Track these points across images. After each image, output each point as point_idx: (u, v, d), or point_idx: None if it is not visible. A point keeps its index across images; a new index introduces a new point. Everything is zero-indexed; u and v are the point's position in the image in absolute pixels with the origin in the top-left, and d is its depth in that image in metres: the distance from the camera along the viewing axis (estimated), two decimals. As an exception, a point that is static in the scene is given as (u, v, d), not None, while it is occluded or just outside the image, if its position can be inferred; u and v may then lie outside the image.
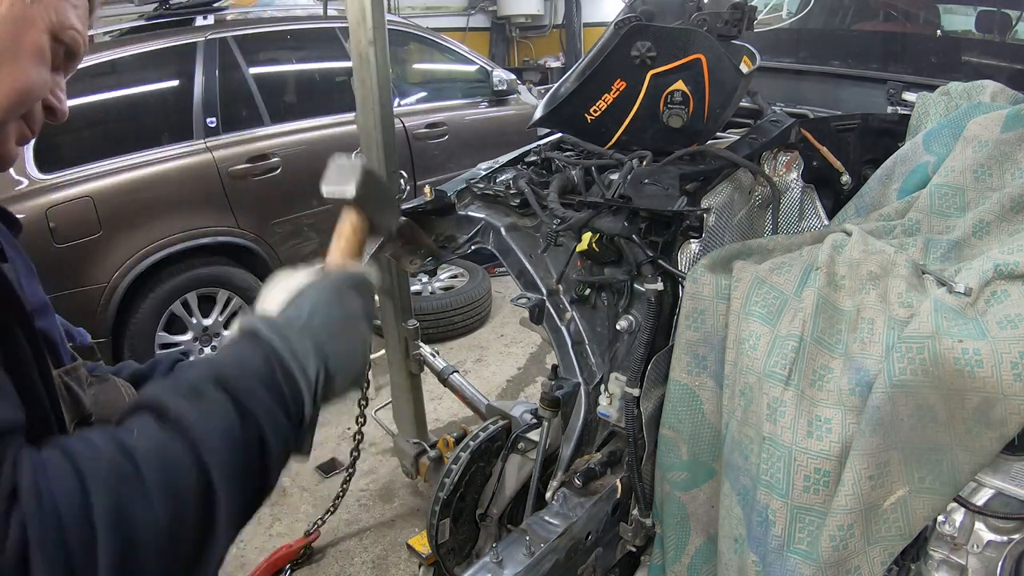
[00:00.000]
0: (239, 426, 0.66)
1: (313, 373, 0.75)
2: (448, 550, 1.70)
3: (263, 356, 0.72)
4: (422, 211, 1.81)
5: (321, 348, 0.76)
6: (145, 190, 3.33)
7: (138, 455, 0.59)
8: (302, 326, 0.76)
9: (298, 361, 0.73)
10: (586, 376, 1.52)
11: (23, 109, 0.76)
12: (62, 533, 0.53)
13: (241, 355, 0.72)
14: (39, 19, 0.74)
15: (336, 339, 0.78)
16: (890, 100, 1.98)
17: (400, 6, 8.41)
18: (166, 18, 3.84)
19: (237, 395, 0.67)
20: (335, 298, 0.81)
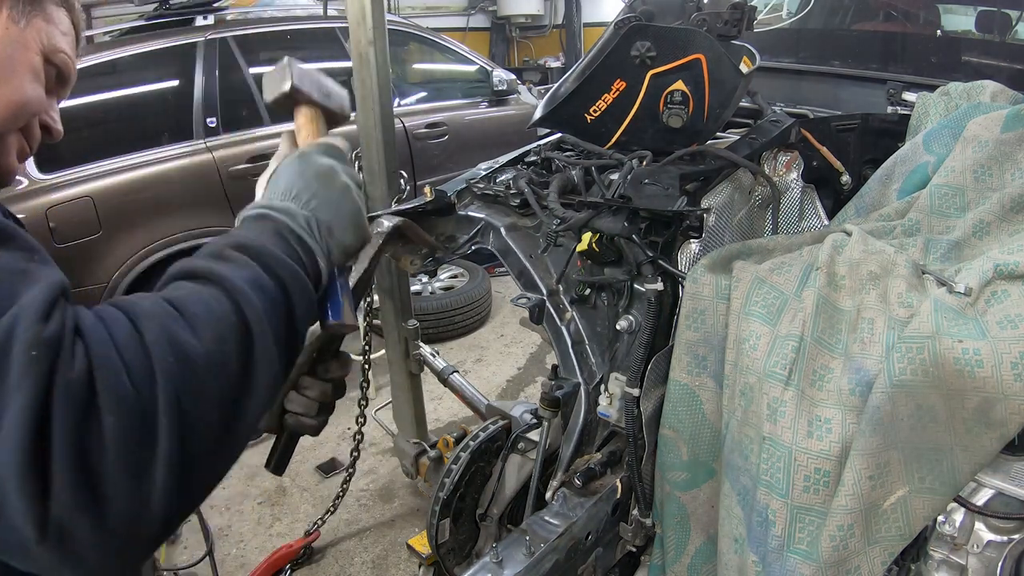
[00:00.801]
0: (264, 277, 0.70)
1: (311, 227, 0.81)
2: (448, 550, 1.70)
3: (264, 226, 0.78)
4: (422, 211, 1.81)
5: (306, 205, 0.82)
6: (145, 190, 3.34)
7: (178, 301, 0.64)
8: (282, 196, 0.83)
9: (295, 222, 0.79)
10: (586, 376, 1.52)
11: (21, 122, 0.81)
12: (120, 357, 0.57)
13: (247, 230, 0.78)
14: (32, 41, 0.80)
15: (316, 194, 0.84)
16: (890, 100, 1.98)
17: (400, 6, 8.42)
18: (166, 18, 3.84)
19: (257, 254, 0.72)
20: (302, 164, 0.87)
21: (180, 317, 0.62)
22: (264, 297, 0.69)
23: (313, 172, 0.86)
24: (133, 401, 0.56)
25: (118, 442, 0.54)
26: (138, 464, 0.56)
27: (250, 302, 0.67)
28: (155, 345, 0.59)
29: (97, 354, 0.56)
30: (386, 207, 2.13)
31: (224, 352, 0.63)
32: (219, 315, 0.64)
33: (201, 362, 0.61)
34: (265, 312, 0.68)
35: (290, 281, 0.73)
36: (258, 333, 0.66)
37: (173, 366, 0.59)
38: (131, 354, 0.58)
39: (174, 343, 0.60)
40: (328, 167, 0.88)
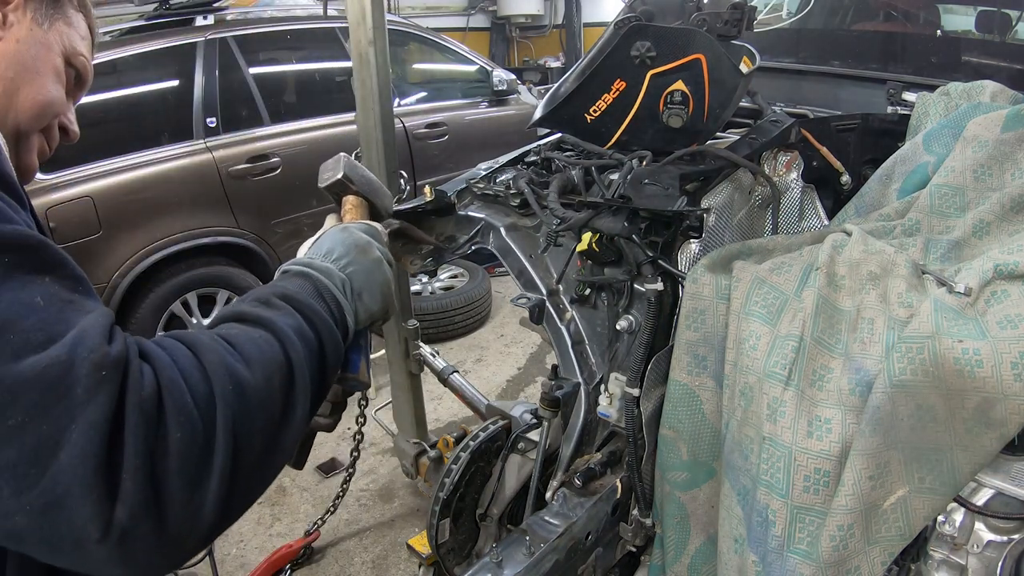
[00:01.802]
0: (303, 324, 0.78)
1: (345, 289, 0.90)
2: (448, 550, 1.70)
3: (306, 280, 0.87)
4: (422, 211, 1.81)
5: (343, 269, 0.92)
6: (145, 190, 3.34)
7: (231, 338, 0.70)
8: (323, 257, 0.93)
9: (331, 281, 0.88)
10: (586, 376, 1.52)
11: (45, 121, 0.86)
12: (184, 380, 0.63)
13: (288, 282, 0.86)
14: (55, 43, 0.85)
15: (353, 261, 0.94)
16: (890, 100, 1.98)
17: (400, 6, 8.42)
18: (166, 18, 3.84)
19: (299, 305, 0.80)
20: (344, 234, 0.98)
21: (235, 352, 0.69)
22: (305, 345, 0.76)
23: (353, 242, 0.97)
24: (196, 420, 0.62)
25: (182, 454, 0.60)
26: (197, 475, 0.62)
27: (294, 347, 0.74)
28: (215, 373, 0.65)
29: (164, 376, 0.62)
30: (386, 207, 2.13)
31: (271, 387, 0.70)
32: (269, 355, 0.71)
33: (253, 393, 0.67)
34: (306, 358, 0.75)
35: (325, 334, 0.81)
36: (299, 375, 0.73)
37: (230, 394, 0.65)
38: (194, 380, 0.64)
39: (232, 374, 0.66)
40: (366, 241, 0.99)
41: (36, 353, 0.56)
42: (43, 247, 0.62)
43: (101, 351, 0.58)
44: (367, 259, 0.96)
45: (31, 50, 0.81)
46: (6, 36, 0.80)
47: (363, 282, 0.93)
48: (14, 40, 0.80)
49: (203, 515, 0.62)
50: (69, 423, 0.55)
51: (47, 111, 0.84)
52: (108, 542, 0.56)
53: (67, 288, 0.63)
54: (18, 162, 0.85)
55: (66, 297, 0.61)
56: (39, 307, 0.58)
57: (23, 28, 0.81)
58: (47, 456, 0.54)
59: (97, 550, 0.57)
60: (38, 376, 0.55)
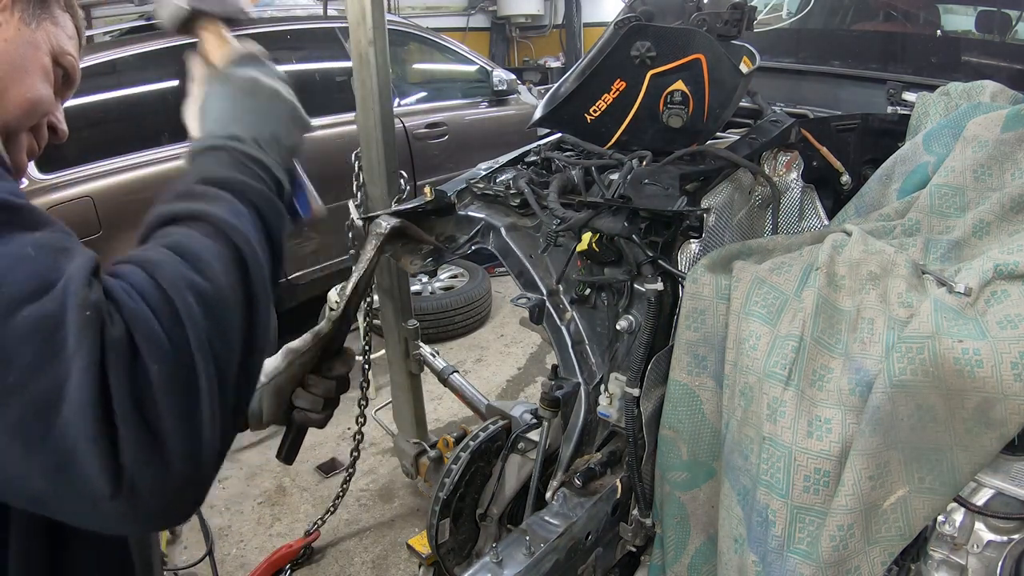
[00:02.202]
0: (239, 205, 0.74)
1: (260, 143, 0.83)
2: (448, 550, 1.70)
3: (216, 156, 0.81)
4: (422, 211, 1.81)
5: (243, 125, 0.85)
6: (145, 190, 3.33)
7: (178, 246, 0.67)
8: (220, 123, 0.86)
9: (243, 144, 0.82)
10: (586, 376, 1.52)
11: (34, 120, 0.85)
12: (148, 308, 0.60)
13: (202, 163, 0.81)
14: (42, 42, 0.84)
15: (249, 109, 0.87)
16: (890, 100, 1.98)
17: (400, 6, 8.42)
18: (166, 18, 3.83)
19: (224, 183, 0.75)
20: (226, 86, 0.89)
21: (184, 261, 0.65)
22: (245, 223, 0.72)
23: (239, 90, 0.89)
24: (169, 347, 0.59)
25: (165, 387, 0.58)
26: (186, 403, 0.59)
27: (236, 230, 0.70)
28: (173, 290, 0.62)
29: (128, 310, 0.59)
30: (386, 207, 2.13)
31: (230, 283, 0.67)
32: (216, 251, 0.68)
33: (215, 297, 0.65)
34: (251, 235, 0.72)
35: (260, 201, 0.76)
36: (250, 258, 0.70)
37: (194, 307, 0.62)
38: (155, 303, 0.61)
39: (190, 285, 0.63)
40: (251, 79, 0.90)
41: (30, 303, 0.55)
42: (30, 208, 0.62)
43: (83, 293, 0.57)
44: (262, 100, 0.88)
45: (19, 49, 0.81)
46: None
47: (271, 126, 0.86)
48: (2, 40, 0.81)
49: (204, 440, 0.60)
50: (66, 375, 0.54)
51: (36, 109, 0.84)
52: (120, 497, 0.56)
53: (61, 237, 0.62)
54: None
55: (59, 245, 0.61)
56: (30, 257, 0.58)
57: (11, 28, 0.81)
58: (51, 412, 0.54)
59: (112, 507, 0.56)
60: (33, 329, 0.55)
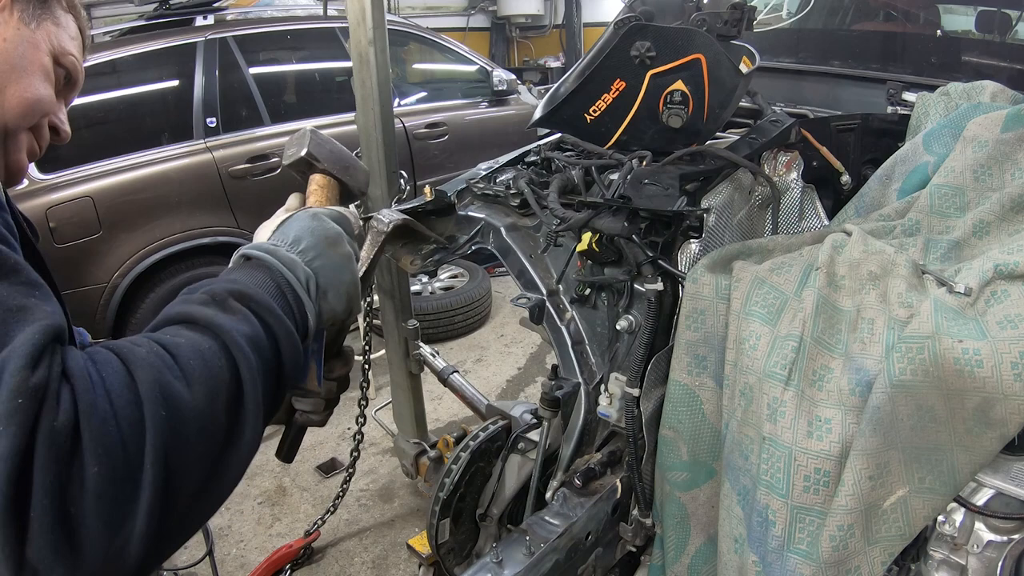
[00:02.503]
0: (260, 332, 0.70)
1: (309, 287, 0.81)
2: (448, 550, 1.70)
3: (267, 274, 0.77)
4: (422, 211, 1.81)
5: (310, 263, 0.83)
6: (145, 190, 3.34)
7: (174, 349, 0.63)
8: (289, 246, 0.83)
9: (295, 276, 0.79)
10: (586, 376, 1.52)
11: (33, 120, 0.84)
12: (110, 405, 0.56)
13: (247, 276, 0.77)
14: (43, 42, 0.84)
15: (321, 254, 0.85)
16: (890, 100, 1.98)
17: (400, 6, 8.42)
18: (166, 18, 3.85)
19: (256, 308, 0.72)
20: (314, 223, 0.88)
21: (175, 367, 0.62)
22: (259, 356, 0.69)
23: (323, 232, 0.87)
24: (119, 451, 0.55)
25: (100, 492, 0.54)
26: (118, 514, 0.55)
27: (247, 359, 0.67)
28: (148, 395, 0.58)
29: (84, 400, 0.55)
30: (386, 207, 2.13)
31: (215, 408, 0.63)
32: (214, 370, 0.64)
33: (191, 416, 0.60)
34: (259, 371, 0.68)
35: (284, 341, 0.73)
36: (249, 391, 0.66)
37: (163, 420, 0.58)
38: (122, 402, 0.57)
39: (167, 395, 0.59)
40: (337, 233, 0.88)
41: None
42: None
43: (20, 376, 0.53)
44: (336, 254, 0.86)
45: (18, 49, 0.81)
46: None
47: (329, 280, 0.84)
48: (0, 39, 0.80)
49: (128, 556, 0.56)
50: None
51: (35, 109, 0.83)
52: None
53: (21, 294, 0.58)
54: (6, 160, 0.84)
55: (16, 304, 0.57)
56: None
57: (10, 27, 0.80)
58: None
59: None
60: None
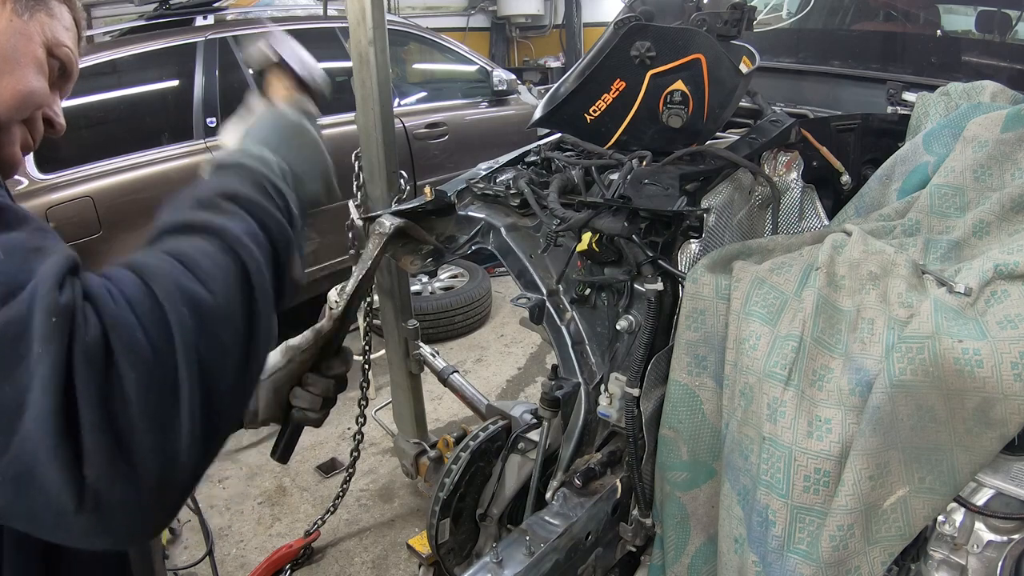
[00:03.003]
0: (255, 226, 0.72)
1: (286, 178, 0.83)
2: (448, 550, 1.70)
3: (245, 174, 0.79)
4: (422, 211, 1.81)
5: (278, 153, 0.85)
6: (145, 190, 3.33)
7: (184, 255, 0.64)
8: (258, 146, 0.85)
9: (269, 168, 0.81)
10: (586, 376, 1.52)
11: (26, 112, 0.83)
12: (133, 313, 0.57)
13: (230, 177, 0.79)
14: (36, 34, 0.82)
15: (288, 144, 0.87)
16: (890, 100, 1.98)
17: (400, 6, 8.41)
18: (166, 18, 3.84)
19: (247, 205, 0.74)
20: (275, 118, 0.91)
21: (187, 270, 0.63)
22: (259, 248, 0.71)
23: (285, 124, 0.90)
24: (151, 355, 0.57)
25: (141, 397, 0.55)
26: (163, 417, 0.56)
27: (250, 253, 0.69)
28: (168, 299, 0.59)
29: (107, 313, 0.56)
30: (386, 207, 2.13)
31: (231, 301, 0.65)
32: (224, 267, 0.66)
33: (212, 312, 0.62)
34: (263, 262, 0.70)
35: (276, 231, 0.75)
36: (257, 282, 0.68)
37: (187, 318, 0.59)
38: (144, 309, 0.58)
39: (186, 296, 0.61)
40: (299, 122, 0.92)
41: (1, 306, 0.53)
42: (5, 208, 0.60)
43: (51, 297, 0.54)
44: (302, 140, 0.90)
45: (10, 40, 0.79)
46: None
47: (303, 167, 0.88)
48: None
49: (180, 457, 0.57)
50: (29, 383, 0.52)
51: (27, 101, 0.82)
52: (85, 511, 0.53)
53: (36, 237, 0.60)
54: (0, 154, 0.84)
55: (33, 245, 0.58)
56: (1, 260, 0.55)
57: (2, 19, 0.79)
58: (12, 421, 0.51)
59: (77, 522, 0.53)
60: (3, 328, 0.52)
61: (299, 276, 0.89)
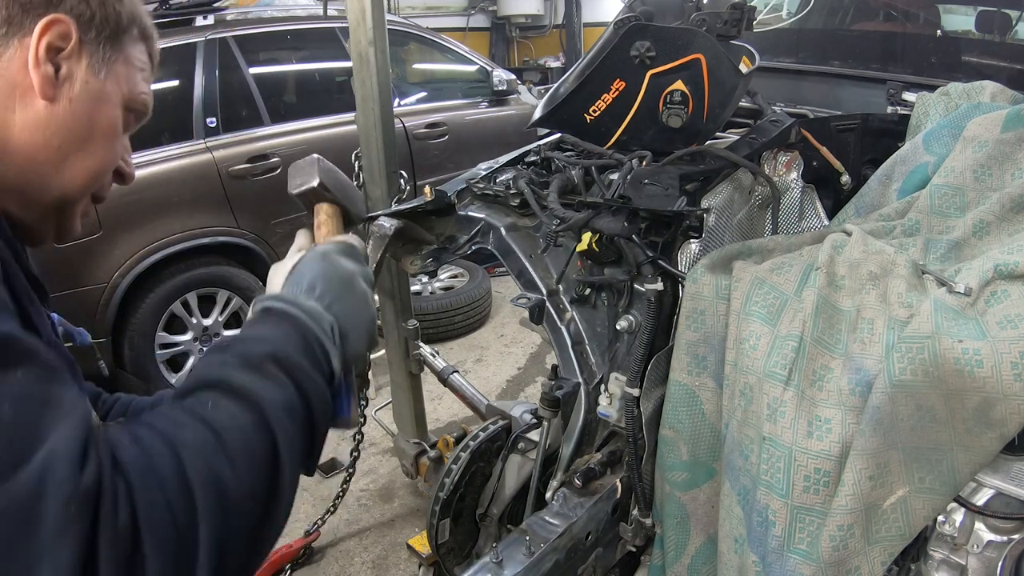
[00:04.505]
0: (295, 396, 0.70)
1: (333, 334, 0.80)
2: (448, 550, 1.70)
3: (294, 329, 0.76)
4: (422, 211, 1.81)
5: (329, 308, 0.81)
6: (145, 190, 3.33)
7: (216, 425, 0.63)
8: (306, 294, 0.81)
9: (319, 325, 0.78)
10: (586, 376, 1.52)
11: (94, 189, 0.77)
12: (163, 495, 0.56)
13: (274, 331, 0.76)
14: (113, 93, 0.74)
15: (339, 298, 0.83)
16: (890, 100, 1.98)
17: (400, 6, 8.42)
18: (166, 18, 3.84)
19: (290, 370, 0.71)
20: (327, 263, 0.86)
21: (218, 446, 0.62)
22: (295, 423, 0.69)
23: (337, 276, 0.85)
24: (176, 539, 0.56)
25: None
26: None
27: (284, 430, 0.67)
28: (198, 482, 0.59)
29: (142, 497, 0.55)
30: (386, 207, 2.13)
31: (257, 485, 0.64)
32: (256, 448, 0.65)
33: (237, 497, 0.61)
34: (295, 438, 0.69)
35: (315, 399, 0.73)
36: (286, 462, 0.67)
37: (214, 504, 0.59)
38: (175, 492, 0.57)
39: (215, 478, 0.60)
40: (351, 273, 0.87)
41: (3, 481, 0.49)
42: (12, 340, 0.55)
43: (71, 483, 0.51)
44: (353, 296, 0.86)
45: (84, 109, 0.71)
46: (57, 95, 0.69)
47: (350, 322, 0.83)
48: (66, 100, 0.69)
49: None
50: (37, 561, 0.49)
51: (100, 176, 0.76)
52: None
53: (42, 381, 0.55)
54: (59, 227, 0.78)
55: (40, 397, 0.54)
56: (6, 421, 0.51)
57: (76, 83, 0.70)
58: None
59: None
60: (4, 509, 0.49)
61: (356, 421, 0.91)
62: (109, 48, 0.73)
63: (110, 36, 0.73)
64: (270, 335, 0.75)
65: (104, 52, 0.72)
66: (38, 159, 0.69)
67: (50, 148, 0.69)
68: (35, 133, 0.68)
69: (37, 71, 0.67)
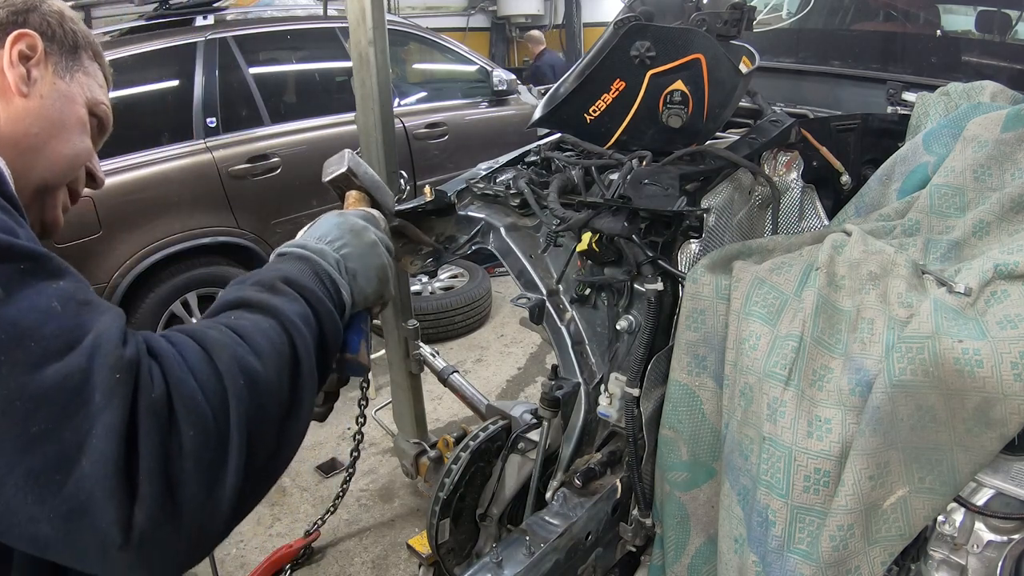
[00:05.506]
0: (308, 311, 0.79)
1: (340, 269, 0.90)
2: (448, 550, 1.70)
3: (307, 264, 0.87)
4: (422, 211, 1.81)
5: (338, 251, 0.92)
6: (145, 190, 3.34)
7: (240, 329, 0.70)
8: (317, 239, 0.93)
9: (327, 261, 0.88)
10: (586, 376, 1.52)
11: (73, 175, 0.88)
12: (195, 379, 0.63)
13: (290, 265, 0.86)
14: (77, 95, 0.87)
15: (348, 243, 0.94)
16: (890, 100, 1.98)
17: (400, 6, 8.42)
18: (166, 18, 3.84)
19: (301, 290, 0.80)
20: (339, 219, 0.99)
21: (245, 344, 0.69)
22: (309, 332, 0.77)
23: (348, 226, 0.97)
24: (209, 418, 0.62)
25: (196, 453, 0.61)
26: (212, 472, 0.62)
27: (301, 335, 0.75)
28: (227, 370, 0.65)
29: (173, 375, 0.62)
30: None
31: (281, 379, 0.71)
32: (278, 346, 0.72)
33: (265, 387, 0.68)
34: (311, 345, 0.76)
35: (326, 318, 0.81)
36: (305, 365, 0.74)
37: (243, 389, 0.65)
38: (204, 376, 0.64)
39: (244, 369, 0.67)
40: (362, 225, 0.99)
41: (57, 360, 0.56)
42: (51, 257, 0.64)
43: (116, 354, 0.58)
44: (361, 241, 0.96)
45: (56, 104, 0.83)
46: (31, 92, 0.81)
47: (357, 263, 0.94)
48: (38, 96, 0.81)
49: (219, 513, 0.63)
50: (89, 429, 0.56)
51: (75, 164, 0.86)
52: (130, 547, 0.57)
53: (80, 288, 0.64)
54: (43, 217, 0.86)
55: (82, 299, 0.62)
56: (56, 313, 0.59)
57: (46, 82, 0.82)
58: (70, 462, 0.55)
59: (120, 556, 0.57)
60: (60, 385, 0.55)
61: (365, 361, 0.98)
62: (70, 59, 0.86)
63: (69, 50, 0.87)
64: (282, 266, 0.85)
65: (66, 62, 0.86)
66: (21, 145, 0.79)
67: (30, 135, 0.80)
68: (16, 124, 0.80)
69: (12, 71, 0.80)
